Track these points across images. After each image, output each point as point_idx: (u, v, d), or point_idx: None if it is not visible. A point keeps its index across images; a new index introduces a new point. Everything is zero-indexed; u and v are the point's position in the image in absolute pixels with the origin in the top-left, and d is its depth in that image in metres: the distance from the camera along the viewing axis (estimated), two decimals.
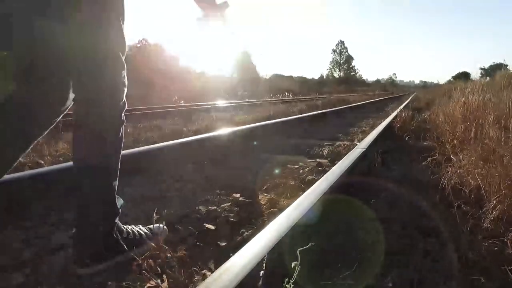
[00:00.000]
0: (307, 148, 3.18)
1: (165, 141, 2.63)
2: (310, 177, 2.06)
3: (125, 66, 1.06)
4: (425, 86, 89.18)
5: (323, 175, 1.62)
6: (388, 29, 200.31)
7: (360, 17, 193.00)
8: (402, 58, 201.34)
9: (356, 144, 3.21)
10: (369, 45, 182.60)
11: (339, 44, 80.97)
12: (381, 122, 4.80)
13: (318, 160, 2.67)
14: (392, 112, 6.02)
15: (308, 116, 5.78)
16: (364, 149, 2.02)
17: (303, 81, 54.17)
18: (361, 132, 4.47)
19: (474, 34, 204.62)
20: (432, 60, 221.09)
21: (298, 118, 5.20)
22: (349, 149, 3.09)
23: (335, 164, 1.87)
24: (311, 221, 1.11)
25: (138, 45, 29.69)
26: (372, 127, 4.80)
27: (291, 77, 56.86)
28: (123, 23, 1.05)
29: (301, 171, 2.28)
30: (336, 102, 13.38)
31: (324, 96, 21.43)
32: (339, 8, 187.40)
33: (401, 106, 7.05)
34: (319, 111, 6.80)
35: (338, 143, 3.51)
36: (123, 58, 1.06)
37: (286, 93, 21.03)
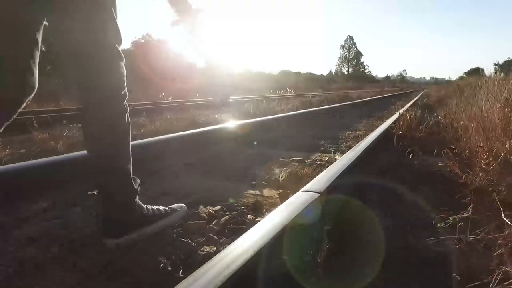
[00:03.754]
0: (265, 165, 2.16)
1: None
2: (208, 250, 1.04)
3: (123, 57, 1.07)
4: (436, 82, 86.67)
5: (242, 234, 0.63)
6: (398, 25, 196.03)
7: (369, 13, 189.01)
8: (413, 55, 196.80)
9: (335, 159, 2.18)
10: (378, 41, 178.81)
11: (348, 40, 79.10)
12: (381, 123, 3.74)
13: (264, 192, 1.65)
14: (398, 110, 4.93)
15: (292, 116, 4.73)
16: (317, 195, 0.97)
17: (311, 77, 52.89)
18: (354, 138, 3.41)
19: (486, 29, 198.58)
20: (443, 56, 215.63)
21: (278, 118, 4.16)
22: (322, 168, 2.06)
23: (283, 203, 0.88)
24: None
25: (142, 40, 29.03)
26: (370, 130, 3.74)
27: (299, 73, 55.61)
28: (115, 13, 1.05)
29: (214, 222, 1.26)
30: (339, 98, 12.27)
31: (328, 92, 20.25)
32: (348, 3, 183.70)
33: (409, 104, 5.94)
34: (310, 109, 5.74)
35: (315, 156, 2.47)
36: (120, 49, 1.06)
37: (288, 89, 19.88)
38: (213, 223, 1.25)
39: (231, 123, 3.32)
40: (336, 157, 2.39)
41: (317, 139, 3.22)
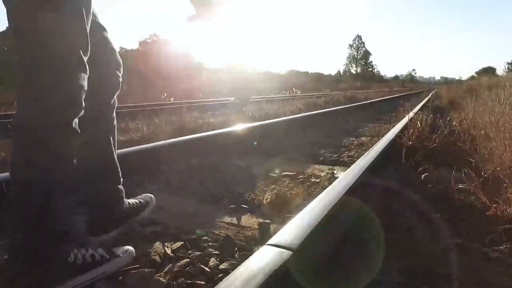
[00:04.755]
0: (251, 181, 1.87)
1: None
2: None
3: (87, 68, 0.89)
4: (446, 82, 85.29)
5: None
6: (407, 24, 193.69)
7: (378, 11, 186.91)
8: (422, 54, 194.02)
9: (336, 177, 1.90)
10: (388, 40, 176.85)
11: (356, 39, 78.27)
12: (388, 128, 3.42)
13: (243, 220, 1.37)
14: (407, 113, 4.58)
15: (294, 119, 4.43)
16: (289, 254, 0.66)
17: (319, 77, 52.41)
18: (358, 145, 3.10)
19: (498, 27, 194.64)
20: (454, 55, 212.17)
21: (278, 122, 3.86)
22: (316, 187, 1.76)
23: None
24: None
25: (149, 41, 29.00)
26: (376, 137, 3.42)
27: (306, 73, 55.11)
28: (87, 17, 0.89)
29: (166, 269, 0.97)
30: (346, 99, 11.90)
31: (335, 92, 19.84)
32: (357, 2, 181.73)
33: (418, 107, 5.59)
34: (313, 112, 5.42)
35: (311, 169, 2.17)
36: (85, 58, 0.89)
37: (294, 90, 19.54)
38: (164, 270, 0.96)
39: (223, 130, 3.04)
40: (335, 171, 2.08)
41: (315, 148, 2.91)
